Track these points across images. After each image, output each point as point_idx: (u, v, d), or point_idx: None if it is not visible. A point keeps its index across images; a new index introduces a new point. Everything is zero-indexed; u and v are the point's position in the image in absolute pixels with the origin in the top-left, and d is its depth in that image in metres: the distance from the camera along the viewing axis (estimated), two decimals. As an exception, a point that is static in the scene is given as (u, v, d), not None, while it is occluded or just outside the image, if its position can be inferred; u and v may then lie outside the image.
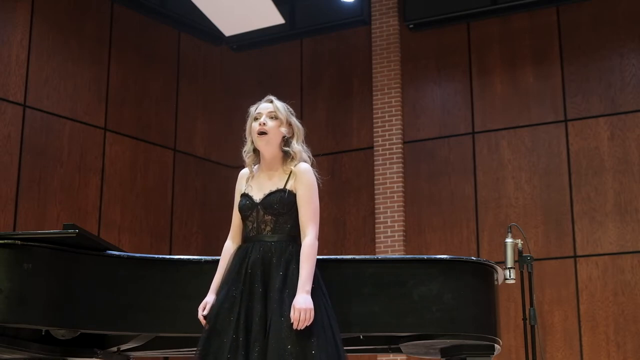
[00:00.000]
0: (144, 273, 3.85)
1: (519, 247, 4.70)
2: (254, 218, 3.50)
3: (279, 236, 3.46)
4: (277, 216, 3.47)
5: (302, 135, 3.62)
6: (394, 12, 9.62)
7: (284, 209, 3.47)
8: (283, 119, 3.57)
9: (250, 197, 3.53)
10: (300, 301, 3.27)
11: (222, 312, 3.37)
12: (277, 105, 3.60)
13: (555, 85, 8.88)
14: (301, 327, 3.23)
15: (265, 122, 3.54)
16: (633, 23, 8.70)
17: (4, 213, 7.79)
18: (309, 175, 3.53)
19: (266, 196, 3.50)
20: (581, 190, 8.54)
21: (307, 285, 3.31)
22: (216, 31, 9.34)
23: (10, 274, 3.56)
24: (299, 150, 3.57)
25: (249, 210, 3.51)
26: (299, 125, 3.62)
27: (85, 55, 8.76)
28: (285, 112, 3.59)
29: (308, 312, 3.25)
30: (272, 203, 3.47)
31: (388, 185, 9.26)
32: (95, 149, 8.70)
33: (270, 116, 3.56)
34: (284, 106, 3.62)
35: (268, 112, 3.57)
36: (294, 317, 3.24)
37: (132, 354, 4.34)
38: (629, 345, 8.06)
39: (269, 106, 3.60)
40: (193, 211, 9.52)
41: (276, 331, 3.25)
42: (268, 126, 3.53)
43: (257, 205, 3.50)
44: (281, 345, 3.23)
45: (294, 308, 3.26)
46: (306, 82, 10.08)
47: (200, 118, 9.92)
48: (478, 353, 3.97)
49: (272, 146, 3.55)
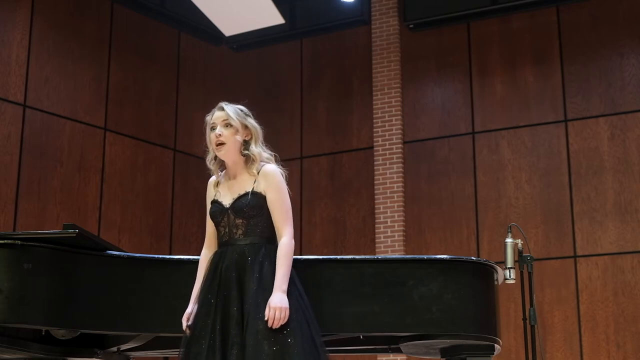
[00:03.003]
0: (144, 273, 3.85)
1: (519, 247, 4.70)
2: (226, 223, 3.51)
3: (252, 239, 3.47)
4: (248, 219, 3.48)
5: (261, 135, 3.60)
6: (394, 12, 9.62)
7: (253, 211, 3.47)
8: (237, 125, 3.55)
9: (220, 203, 3.55)
10: (276, 300, 3.28)
11: (200, 319, 3.41)
12: (229, 112, 3.57)
13: (555, 85, 8.88)
14: (276, 325, 3.25)
15: (220, 132, 3.54)
16: (633, 23, 8.71)
17: (4, 213, 7.79)
18: (277, 177, 3.51)
19: (235, 200, 3.51)
20: (581, 190, 8.54)
21: (283, 285, 3.33)
22: (216, 31, 9.34)
23: (10, 274, 3.56)
24: (258, 152, 3.55)
25: (220, 216, 3.53)
26: (255, 125, 3.60)
27: (85, 55, 8.76)
28: (238, 118, 3.56)
29: (283, 311, 3.27)
30: (241, 206, 3.48)
31: (388, 185, 9.26)
32: (95, 149, 8.70)
33: (224, 125, 3.55)
34: (236, 111, 3.59)
35: (222, 120, 3.56)
36: (269, 315, 3.26)
37: (132, 354, 4.34)
38: (629, 345, 8.06)
39: (221, 114, 3.58)
40: (193, 211, 9.52)
41: (252, 333, 3.27)
42: (224, 136, 3.53)
43: (227, 210, 3.52)
44: (258, 346, 3.24)
45: (269, 307, 3.27)
46: (306, 82, 10.08)
47: (200, 118, 9.79)
48: (478, 353, 3.97)
49: (231, 154, 3.55)
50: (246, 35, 9.59)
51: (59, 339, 3.95)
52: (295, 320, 3.32)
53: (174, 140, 9.53)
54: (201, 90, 10.00)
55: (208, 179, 3.70)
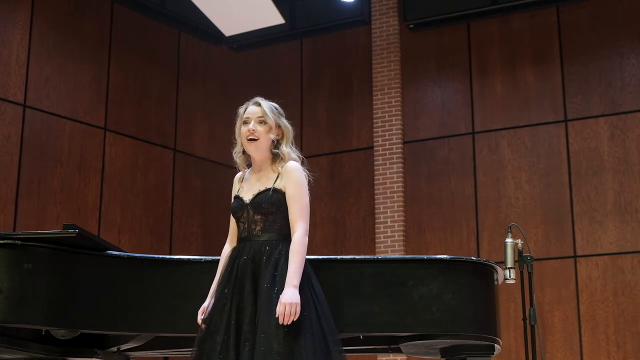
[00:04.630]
0: (144, 273, 3.86)
1: (519, 247, 4.70)
2: (245, 219, 3.52)
3: (269, 235, 3.46)
4: (266, 215, 3.48)
5: (291, 136, 3.61)
6: (394, 12, 9.62)
7: (272, 207, 3.47)
8: (272, 124, 3.55)
9: (241, 199, 3.56)
10: (287, 295, 3.27)
11: (216, 313, 3.40)
12: (265, 109, 3.56)
13: (555, 85, 8.88)
14: (287, 321, 3.23)
15: (254, 128, 3.53)
16: (633, 23, 8.70)
17: (4, 213, 7.79)
18: (297, 173, 3.51)
19: (255, 196, 3.51)
20: (581, 190, 8.54)
21: (294, 280, 3.31)
22: (216, 31, 9.34)
23: (10, 274, 3.56)
24: (287, 152, 3.56)
25: (240, 212, 3.54)
26: (288, 126, 3.60)
27: (85, 55, 8.76)
28: (274, 116, 3.56)
29: (294, 307, 3.25)
30: (260, 202, 3.48)
31: (388, 185, 9.26)
32: (95, 149, 8.70)
33: (259, 121, 3.54)
34: (272, 109, 3.59)
35: (257, 117, 3.55)
36: (279, 311, 3.24)
37: (132, 354, 4.34)
38: (629, 345, 8.06)
39: (257, 110, 3.57)
40: (193, 211, 9.52)
41: (264, 330, 3.26)
42: (257, 132, 3.53)
43: (247, 206, 3.52)
44: (268, 344, 3.23)
45: (280, 302, 3.26)
46: (306, 82, 10.09)
47: (200, 118, 9.92)
48: (478, 353, 3.97)
49: (261, 151, 3.56)
50: (246, 35, 9.59)
51: (59, 339, 3.96)
52: (307, 317, 3.30)
53: (174, 140, 9.53)
54: (201, 90, 10.00)
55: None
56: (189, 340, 3.94)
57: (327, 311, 3.42)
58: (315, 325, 3.33)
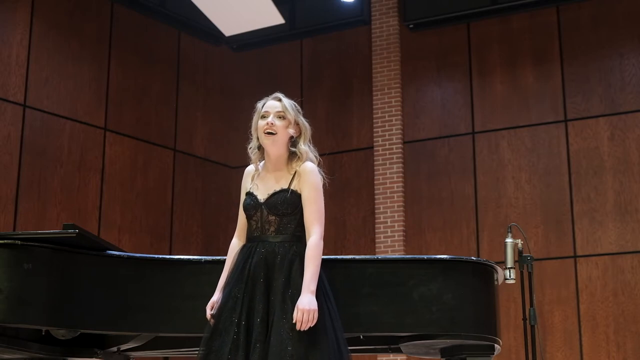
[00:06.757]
0: (144, 273, 3.85)
1: (519, 247, 4.69)
2: (258, 218, 3.46)
3: (283, 237, 3.41)
4: (281, 217, 3.43)
5: (309, 134, 3.57)
6: (394, 12, 9.62)
7: (288, 209, 3.42)
8: (291, 120, 3.51)
9: (255, 197, 3.49)
10: (305, 302, 3.23)
11: (225, 312, 3.35)
12: (285, 104, 3.52)
13: (555, 85, 8.88)
14: (304, 328, 3.20)
15: (273, 122, 3.47)
16: (633, 23, 8.70)
17: (4, 213, 7.79)
18: (314, 176, 3.47)
19: (270, 196, 3.46)
20: (581, 190, 8.54)
21: (311, 286, 3.27)
22: (216, 31, 9.34)
23: (10, 274, 3.56)
24: (305, 151, 3.53)
25: (253, 210, 3.47)
26: (306, 124, 3.56)
27: (85, 55, 8.76)
28: (293, 112, 3.52)
29: (312, 313, 3.21)
30: (276, 203, 3.43)
31: (388, 185, 9.26)
32: (95, 149, 8.70)
33: (278, 116, 3.50)
34: (292, 105, 3.55)
35: (276, 111, 3.50)
36: (297, 318, 3.21)
37: (132, 354, 4.34)
38: (629, 345, 8.06)
39: (277, 105, 3.53)
40: (193, 211, 9.51)
41: (277, 332, 3.23)
42: (276, 126, 3.47)
43: (261, 205, 3.46)
44: (282, 346, 3.20)
45: (297, 308, 3.22)
46: (306, 82, 10.08)
47: (200, 118, 9.92)
48: (478, 353, 3.97)
49: (278, 146, 3.50)
50: (246, 35, 9.58)
51: (59, 339, 3.95)
52: (322, 322, 3.27)
53: (174, 140, 9.53)
54: (201, 90, 10.00)
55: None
56: (189, 340, 3.95)
57: (337, 314, 3.40)
58: (329, 329, 3.30)
